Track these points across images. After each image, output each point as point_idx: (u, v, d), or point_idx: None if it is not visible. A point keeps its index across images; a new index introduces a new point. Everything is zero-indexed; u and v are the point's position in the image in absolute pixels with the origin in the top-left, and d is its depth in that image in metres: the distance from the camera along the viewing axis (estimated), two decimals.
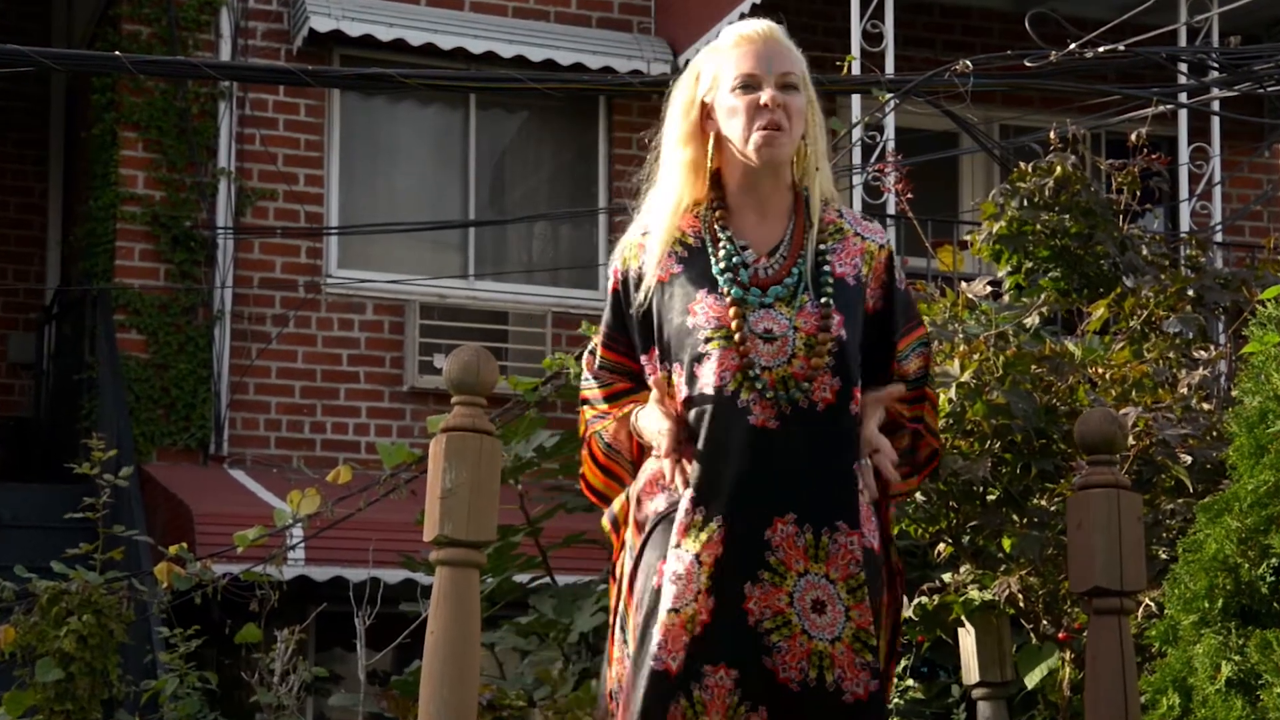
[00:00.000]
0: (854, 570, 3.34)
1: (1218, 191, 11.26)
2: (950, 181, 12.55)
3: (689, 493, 3.34)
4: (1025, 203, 6.03)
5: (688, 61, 12.05)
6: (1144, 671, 3.77)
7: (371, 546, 7.28)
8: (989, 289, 5.45)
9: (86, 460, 6.86)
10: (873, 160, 9.66)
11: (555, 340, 11.41)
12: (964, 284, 5.41)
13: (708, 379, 3.35)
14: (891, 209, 10.27)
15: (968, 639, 4.97)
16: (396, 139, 11.93)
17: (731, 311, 3.37)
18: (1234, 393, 3.72)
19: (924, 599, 5.04)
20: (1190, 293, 5.65)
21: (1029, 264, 6.05)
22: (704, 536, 3.32)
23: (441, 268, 11.76)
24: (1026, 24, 7.25)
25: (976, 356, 4.85)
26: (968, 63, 6.84)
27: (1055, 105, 10.26)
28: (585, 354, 3.62)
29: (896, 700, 6.02)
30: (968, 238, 6.36)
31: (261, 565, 6.73)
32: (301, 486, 6.64)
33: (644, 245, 3.52)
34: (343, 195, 11.67)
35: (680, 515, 3.35)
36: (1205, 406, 4.97)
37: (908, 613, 5.05)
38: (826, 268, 3.45)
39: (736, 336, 3.35)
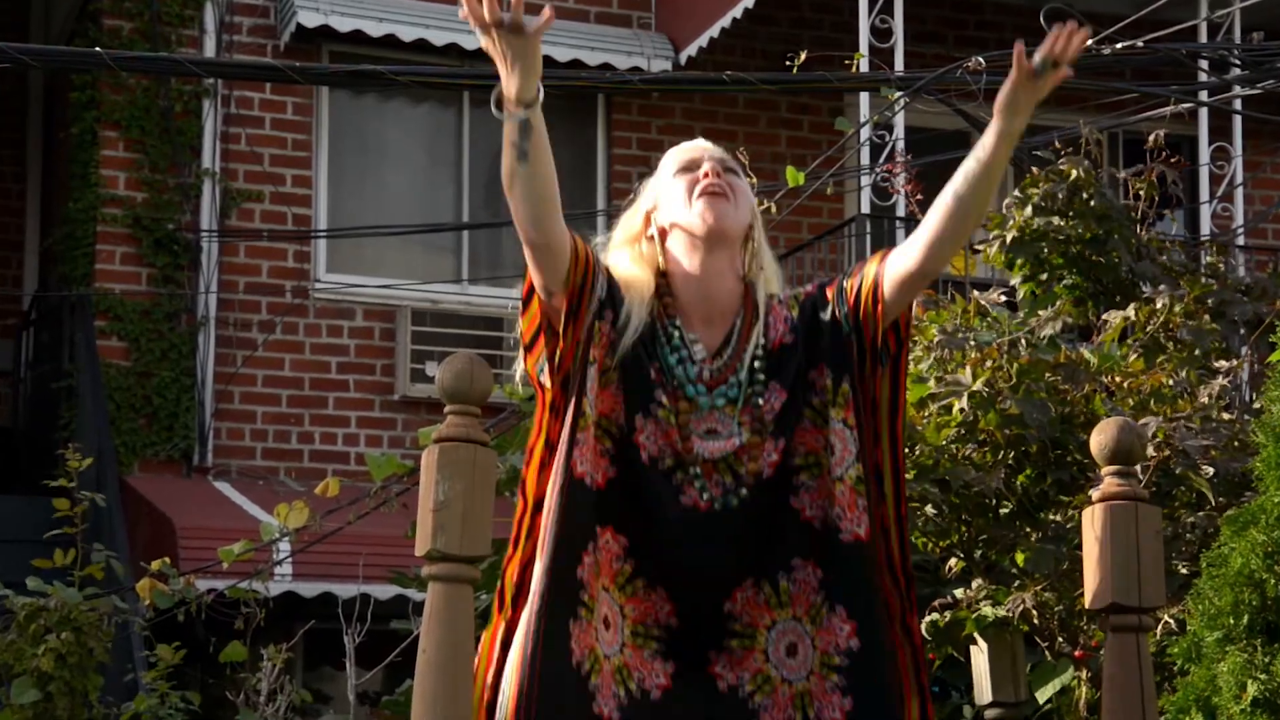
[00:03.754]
0: (814, 599, 3.39)
1: (1239, 193, 11.27)
2: None
3: (619, 539, 3.36)
4: (1037, 209, 6.03)
5: (689, 58, 12.00)
6: (1164, 690, 3.76)
7: (361, 561, 7.28)
8: (1003, 298, 5.46)
9: (64, 474, 6.86)
10: (881, 160, 9.66)
11: None
12: (975, 292, 5.41)
13: (647, 443, 3.38)
14: (901, 210, 10.27)
15: (980, 657, 4.96)
16: (387, 138, 11.94)
17: (681, 405, 3.40)
18: (1257, 404, 3.73)
19: (935, 615, 5.04)
20: (1209, 302, 5.65)
21: (1043, 273, 6.05)
22: (630, 590, 3.36)
23: (434, 272, 11.77)
24: (1041, 19, 7.22)
25: (989, 364, 4.85)
26: (980, 59, 6.84)
27: (1071, 103, 10.26)
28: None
29: None
30: (979, 245, 6.36)
31: (247, 581, 6.72)
32: (289, 499, 6.64)
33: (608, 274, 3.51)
34: (331, 197, 11.68)
35: (604, 555, 3.36)
36: (1225, 416, 4.97)
37: None
38: (789, 347, 3.46)
39: (678, 421, 3.38)
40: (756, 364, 3.45)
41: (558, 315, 3.39)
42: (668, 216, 3.51)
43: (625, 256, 3.55)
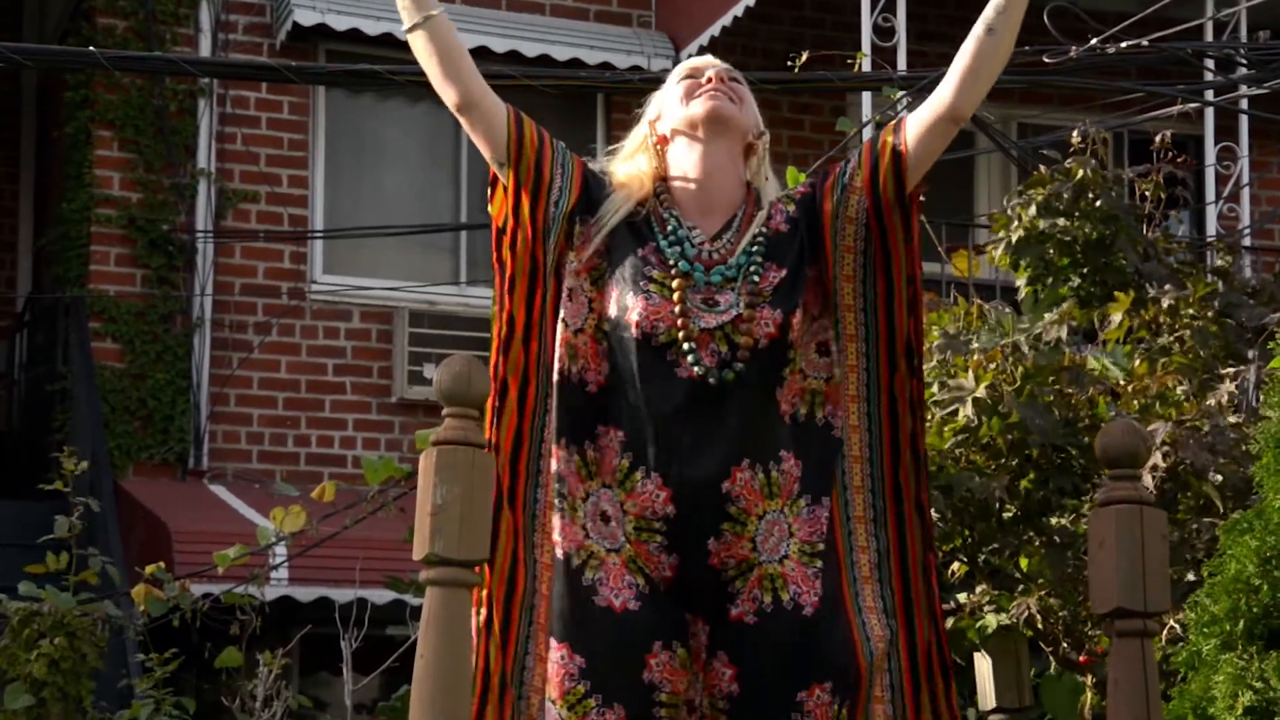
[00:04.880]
0: (794, 489, 3.46)
1: (1246, 194, 11.27)
2: (966, 183, 12.56)
3: (618, 434, 3.44)
4: (1042, 209, 6.03)
5: (690, 56, 12.02)
6: (1165, 703, 3.76)
7: (358, 566, 7.28)
8: (1007, 310, 5.46)
9: (59, 477, 6.86)
10: None
11: None
12: (979, 302, 5.42)
13: (639, 320, 3.44)
14: None
15: (984, 663, 4.97)
16: (384, 138, 11.94)
17: (676, 283, 3.46)
18: (1260, 412, 3.73)
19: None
20: (1216, 304, 5.65)
21: (1048, 275, 6.05)
22: (629, 485, 3.43)
23: (432, 273, 11.77)
24: (1045, 18, 7.23)
25: (992, 366, 4.85)
26: None
27: (1075, 103, 10.27)
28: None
29: None
30: (985, 245, 6.36)
31: (243, 586, 6.73)
32: (285, 503, 6.64)
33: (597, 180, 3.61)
34: (328, 197, 11.68)
35: (605, 453, 3.45)
36: (1232, 420, 4.97)
37: None
38: (785, 233, 3.54)
39: (675, 297, 3.45)
40: (755, 248, 3.51)
41: (511, 192, 3.51)
42: (669, 123, 3.60)
43: (624, 168, 3.64)
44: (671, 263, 3.48)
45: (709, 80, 3.58)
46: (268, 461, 11.23)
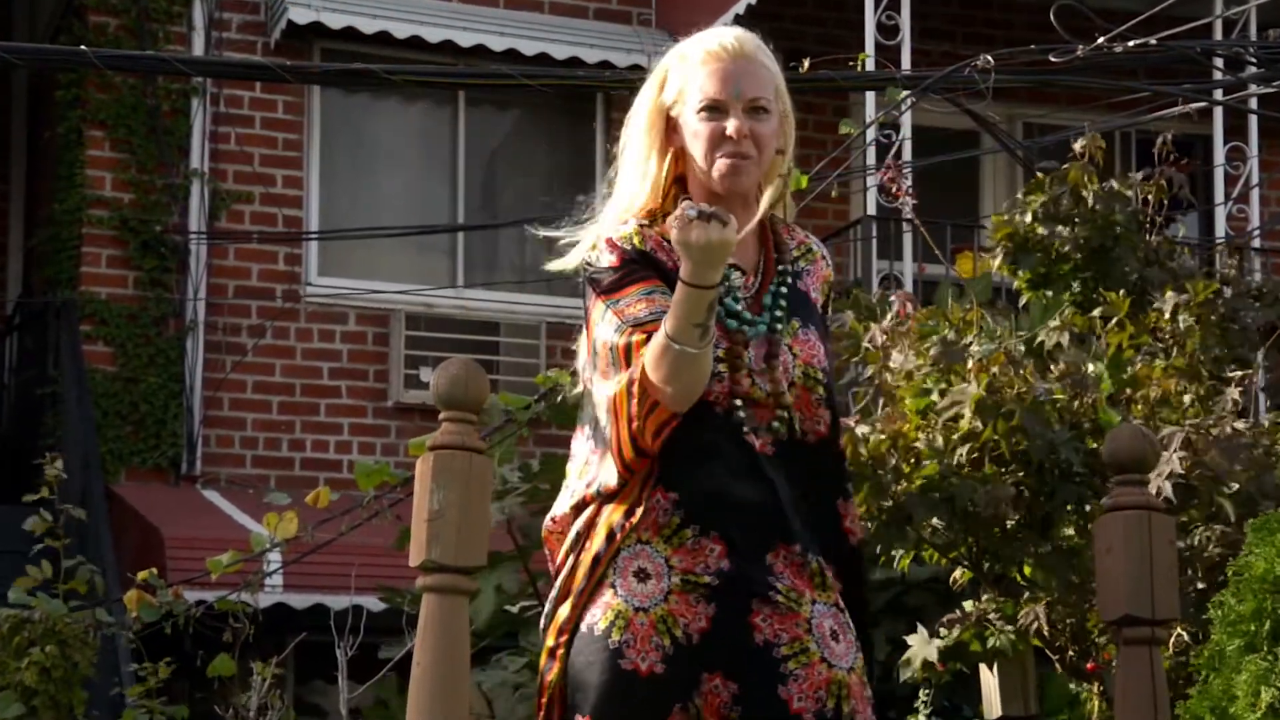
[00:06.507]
0: (843, 604, 3.41)
1: (1255, 194, 11.26)
2: (971, 183, 12.56)
3: (670, 495, 3.35)
4: (1040, 215, 6.02)
5: None
6: (1177, 705, 3.76)
7: (354, 572, 7.28)
8: (1006, 318, 5.47)
9: (45, 484, 6.85)
10: (885, 161, 9.65)
11: (550, 352, 11.41)
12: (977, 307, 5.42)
13: (714, 398, 3.34)
14: (908, 213, 10.27)
15: (989, 672, 4.97)
16: (380, 138, 11.94)
17: (738, 338, 3.37)
18: (1269, 415, 3.73)
19: (942, 629, 5.05)
20: (1221, 307, 5.64)
21: (1048, 281, 6.05)
22: (677, 541, 3.34)
23: (428, 275, 11.77)
24: (1052, 16, 7.24)
25: (994, 370, 4.85)
26: (989, 58, 6.85)
27: (1082, 102, 10.28)
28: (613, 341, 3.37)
29: None
30: (988, 245, 6.36)
31: (236, 593, 6.72)
32: (279, 509, 6.64)
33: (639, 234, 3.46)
34: (323, 198, 11.68)
35: (648, 511, 3.36)
36: (1239, 425, 4.96)
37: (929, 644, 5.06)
38: (802, 289, 3.47)
39: (741, 362, 3.36)
40: (809, 305, 3.47)
41: None
42: (688, 146, 3.45)
43: (640, 175, 3.50)
44: (741, 328, 3.38)
45: (731, 136, 3.40)
46: (262, 466, 11.23)
